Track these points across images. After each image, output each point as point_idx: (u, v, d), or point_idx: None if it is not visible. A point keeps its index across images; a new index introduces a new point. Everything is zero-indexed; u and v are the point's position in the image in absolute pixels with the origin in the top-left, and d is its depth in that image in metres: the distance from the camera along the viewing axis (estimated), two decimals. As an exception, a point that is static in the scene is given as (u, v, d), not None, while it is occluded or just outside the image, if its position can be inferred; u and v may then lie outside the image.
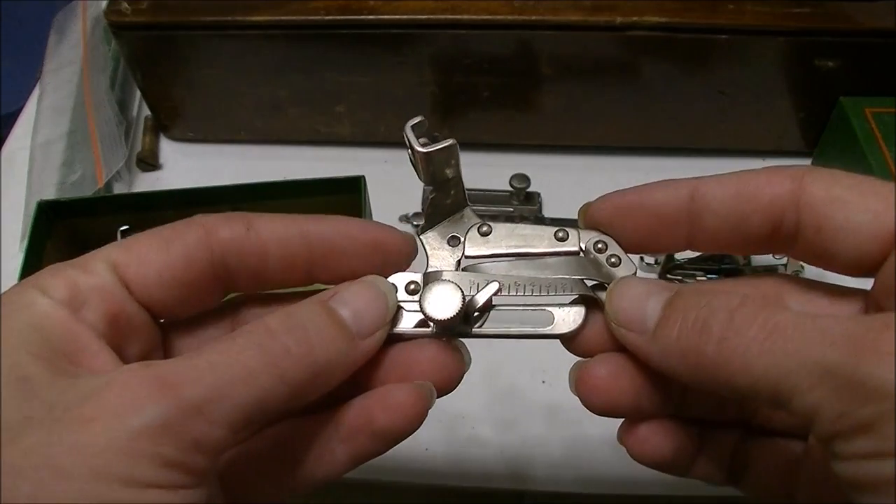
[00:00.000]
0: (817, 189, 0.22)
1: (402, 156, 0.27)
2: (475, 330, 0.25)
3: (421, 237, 0.27)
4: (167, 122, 0.62)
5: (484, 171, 0.58)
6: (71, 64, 0.66)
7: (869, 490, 0.17)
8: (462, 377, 0.25)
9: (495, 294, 0.25)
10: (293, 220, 0.25)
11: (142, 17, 0.54)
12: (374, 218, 0.52)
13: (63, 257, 0.23)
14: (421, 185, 0.27)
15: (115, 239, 0.49)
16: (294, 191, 0.50)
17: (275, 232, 0.25)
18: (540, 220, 0.55)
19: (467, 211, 0.27)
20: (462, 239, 0.26)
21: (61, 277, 0.21)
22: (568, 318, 0.25)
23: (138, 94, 0.66)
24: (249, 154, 0.63)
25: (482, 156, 0.61)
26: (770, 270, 0.51)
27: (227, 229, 0.24)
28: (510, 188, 0.55)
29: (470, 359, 0.26)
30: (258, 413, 0.20)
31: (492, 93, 0.57)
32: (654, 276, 0.51)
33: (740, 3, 0.52)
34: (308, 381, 0.21)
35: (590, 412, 0.26)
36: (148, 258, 0.23)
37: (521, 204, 0.56)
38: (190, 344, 0.25)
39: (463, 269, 0.26)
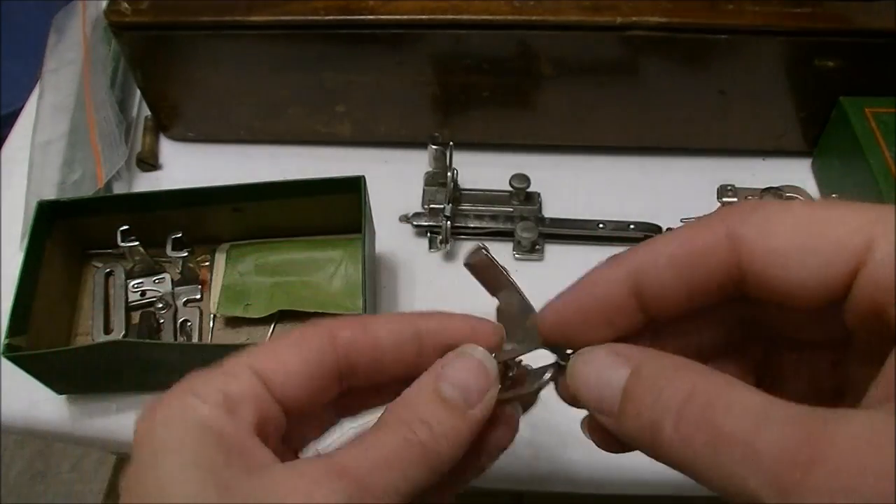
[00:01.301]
0: (753, 253, 0.21)
1: (402, 156, 0.27)
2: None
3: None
4: (167, 122, 0.62)
5: (484, 171, 0.58)
6: (71, 64, 0.66)
7: None
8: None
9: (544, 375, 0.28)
10: (403, 319, 0.28)
11: (142, 17, 0.54)
12: (374, 218, 0.52)
13: (63, 257, 0.23)
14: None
15: (115, 239, 0.50)
16: (294, 191, 0.50)
17: (389, 331, 0.27)
18: (540, 219, 0.55)
19: (534, 316, 0.28)
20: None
21: (213, 385, 0.24)
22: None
23: (138, 94, 0.66)
24: (249, 154, 0.63)
25: (482, 156, 0.61)
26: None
27: (347, 330, 0.27)
28: (510, 188, 0.55)
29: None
30: (413, 487, 0.24)
31: (492, 93, 0.57)
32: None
33: (740, 3, 0.52)
34: (444, 460, 0.25)
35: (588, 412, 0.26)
36: (285, 362, 0.26)
37: (521, 204, 0.56)
38: (307, 425, 0.29)
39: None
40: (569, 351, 0.26)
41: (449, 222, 0.54)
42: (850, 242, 0.19)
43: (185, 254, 0.51)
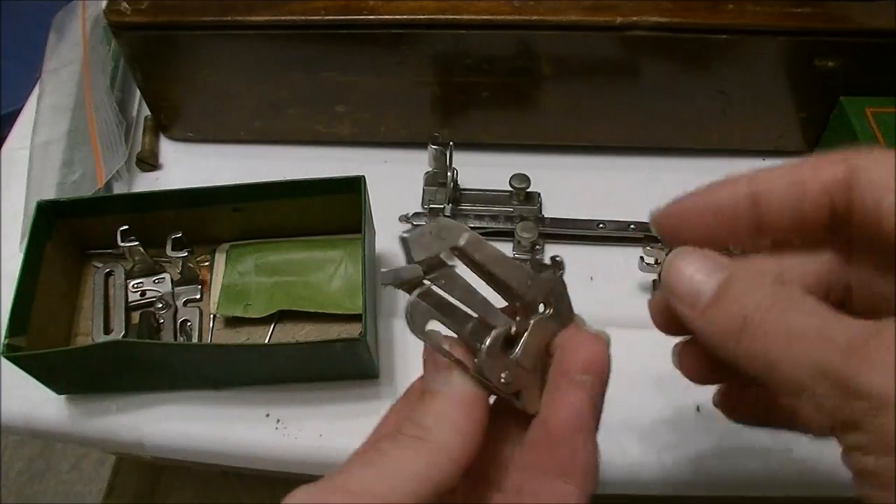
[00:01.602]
0: (868, 181, 0.23)
1: (402, 156, 0.27)
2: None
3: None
4: (167, 122, 0.62)
5: (484, 171, 0.58)
6: (71, 64, 0.66)
7: (860, 477, 0.20)
8: None
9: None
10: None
11: (142, 17, 0.54)
12: (374, 218, 0.52)
13: (63, 257, 0.23)
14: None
15: (115, 239, 0.50)
16: (294, 191, 0.50)
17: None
18: (540, 220, 0.55)
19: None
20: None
21: None
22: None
23: (138, 94, 0.66)
24: (249, 154, 0.63)
25: (482, 156, 0.61)
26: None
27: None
28: (510, 188, 0.55)
29: None
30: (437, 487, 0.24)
31: (492, 93, 0.57)
32: (654, 276, 0.51)
33: (740, 3, 0.52)
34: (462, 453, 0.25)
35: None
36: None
37: (521, 204, 0.56)
38: None
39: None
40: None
41: (449, 222, 0.54)
42: None
43: (185, 254, 0.51)
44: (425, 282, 0.26)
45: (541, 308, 0.28)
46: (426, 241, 0.26)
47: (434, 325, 0.27)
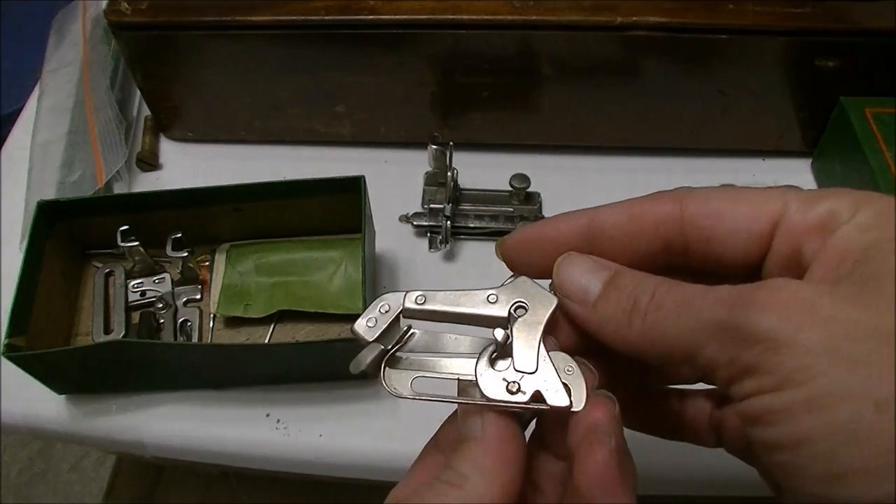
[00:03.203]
0: (695, 207, 0.25)
1: (402, 156, 0.27)
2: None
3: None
4: (167, 122, 0.62)
5: (484, 171, 0.58)
6: (71, 64, 0.66)
7: (758, 424, 0.20)
8: None
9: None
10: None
11: (142, 17, 0.54)
12: (375, 218, 0.52)
13: (63, 257, 0.23)
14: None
15: (115, 239, 0.50)
16: (294, 191, 0.50)
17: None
18: (540, 220, 0.55)
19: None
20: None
21: None
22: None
23: (138, 94, 0.66)
24: (249, 154, 0.63)
25: (482, 156, 0.61)
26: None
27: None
28: (510, 188, 0.55)
29: None
30: None
31: (492, 93, 0.57)
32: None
33: (740, 3, 0.52)
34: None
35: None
36: None
37: (521, 204, 0.56)
38: None
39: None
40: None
41: (449, 222, 0.54)
42: (771, 202, 0.24)
43: (185, 254, 0.51)
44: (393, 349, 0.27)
45: (517, 310, 0.27)
46: (374, 319, 0.27)
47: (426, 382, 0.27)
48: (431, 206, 0.56)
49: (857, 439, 0.18)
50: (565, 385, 0.26)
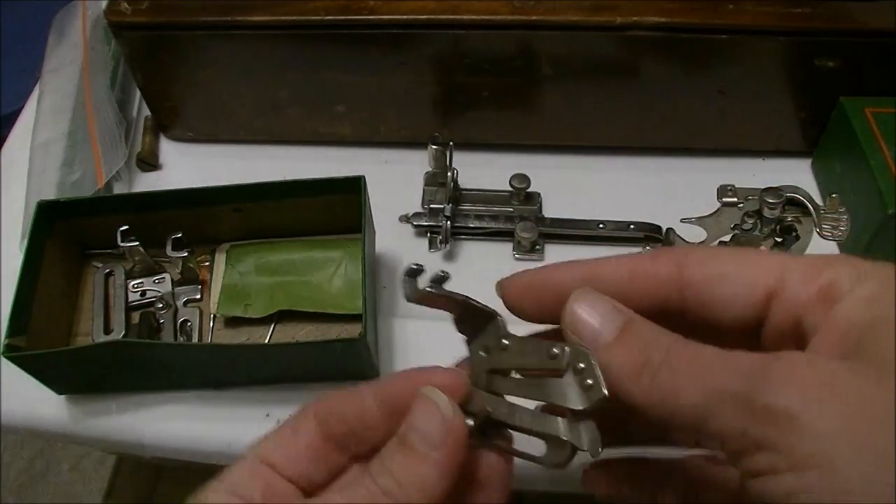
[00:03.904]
0: (694, 270, 0.25)
1: (402, 156, 0.27)
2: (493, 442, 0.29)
3: (467, 347, 0.29)
4: (167, 122, 0.62)
5: (484, 171, 0.58)
6: (71, 64, 0.66)
7: (770, 500, 0.20)
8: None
9: (488, 416, 0.28)
10: (369, 390, 0.29)
11: (142, 17, 0.54)
12: (375, 218, 0.52)
13: (63, 257, 0.23)
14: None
15: (115, 239, 0.50)
16: (294, 191, 0.50)
17: (353, 403, 0.28)
18: (540, 220, 0.55)
19: (497, 320, 0.29)
20: (489, 352, 0.29)
21: (233, 476, 0.27)
22: (557, 453, 0.27)
23: (138, 94, 0.66)
24: (249, 154, 0.63)
25: (482, 156, 0.61)
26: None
27: (323, 406, 0.28)
28: (510, 188, 0.55)
29: None
30: None
31: (492, 93, 0.57)
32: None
33: (740, 3, 0.51)
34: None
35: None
36: (285, 446, 0.28)
37: (521, 204, 0.56)
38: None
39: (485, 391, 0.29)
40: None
41: (449, 222, 0.54)
42: (770, 269, 0.24)
43: (185, 254, 0.51)
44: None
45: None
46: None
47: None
48: (431, 206, 0.56)
49: None
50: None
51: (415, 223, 0.56)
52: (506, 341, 0.28)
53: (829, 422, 0.19)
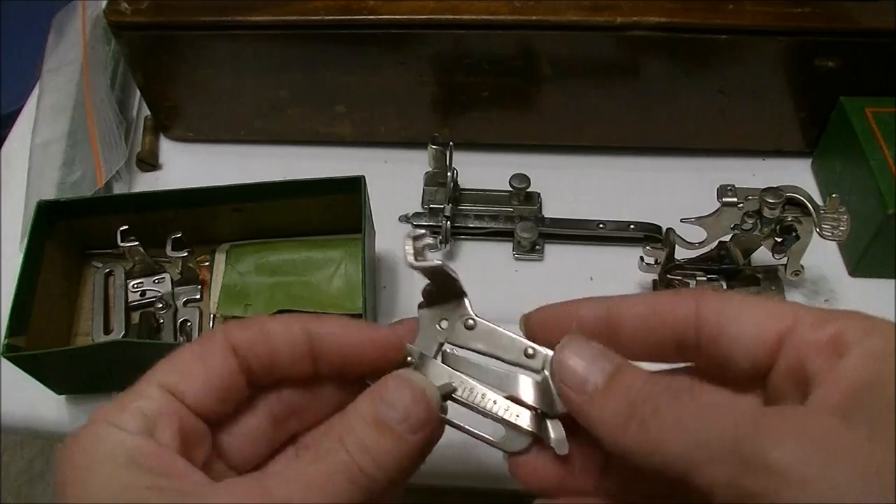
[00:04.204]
0: (711, 309, 0.25)
1: (402, 156, 0.27)
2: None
3: (419, 312, 0.29)
4: (167, 122, 0.62)
5: (484, 171, 0.58)
6: (71, 64, 0.66)
7: None
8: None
9: (451, 393, 0.28)
10: (297, 320, 0.28)
11: (142, 17, 0.54)
12: (374, 218, 0.52)
13: (63, 257, 0.23)
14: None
15: (115, 239, 0.50)
16: (294, 191, 0.50)
17: (282, 335, 0.28)
18: (540, 220, 0.55)
19: (464, 302, 0.29)
20: (450, 325, 0.29)
21: (126, 410, 0.24)
22: (516, 439, 0.28)
23: (138, 94, 0.66)
24: (249, 154, 0.63)
25: (482, 156, 0.61)
26: (770, 270, 0.51)
27: (245, 339, 0.27)
28: (510, 188, 0.55)
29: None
30: None
31: (492, 93, 0.57)
32: (654, 276, 0.51)
33: (740, 3, 0.52)
34: (381, 485, 0.25)
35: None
36: (192, 374, 0.26)
37: (521, 204, 0.56)
38: (231, 432, 0.28)
39: (442, 359, 0.29)
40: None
41: (449, 222, 0.54)
42: (782, 314, 0.25)
43: (185, 254, 0.51)
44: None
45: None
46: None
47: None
48: (431, 206, 0.56)
49: None
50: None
51: (415, 223, 0.56)
52: (472, 321, 0.29)
53: (823, 479, 0.19)
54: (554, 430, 0.27)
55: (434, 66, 0.55)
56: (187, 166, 0.62)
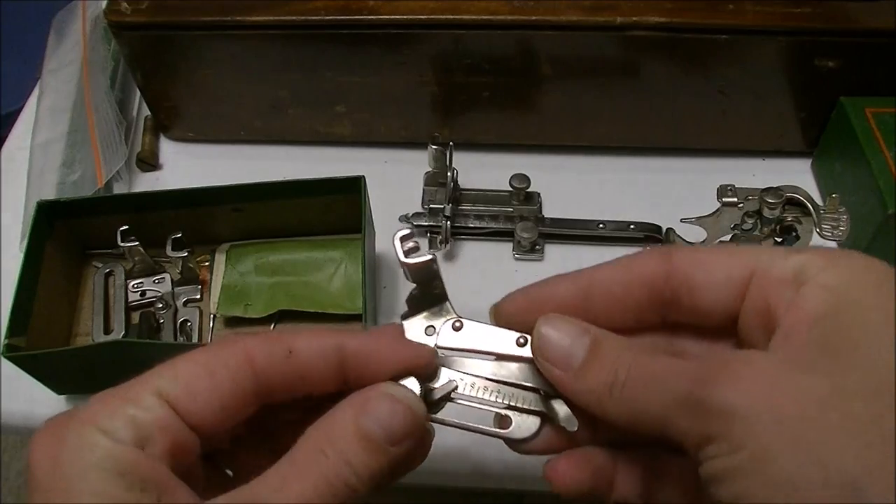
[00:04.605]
0: (682, 260, 0.27)
1: (402, 156, 0.28)
2: (434, 416, 0.29)
3: (403, 323, 0.30)
4: (167, 122, 0.62)
5: (484, 171, 0.58)
6: (71, 64, 0.66)
7: (715, 482, 0.22)
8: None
9: (453, 391, 0.29)
10: (329, 335, 0.27)
11: (142, 17, 0.54)
12: (374, 218, 0.52)
13: (63, 257, 0.23)
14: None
15: (115, 239, 0.50)
16: (294, 191, 0.50)
17: (313, 352, 0.27)
18: (540, 219, 0.55)
19: (446, 305, 0.30)
20: (437, 330, 0.29)
21: (119, 417, 0.23)
22: (524, 425, 0.29)
23: (138, 94, 0.66)
24: (249, 154, 0.63)
25: (482, 156, 0.61)
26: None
27: (268, 355, 0.26)
28: (510, 188, 0.55)
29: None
30: None
31: (492, 93, 0.57)
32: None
33: (740, 3, 0.51)
34: (361, 495, 0.25)
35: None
36: (196, 388, 0.25)
37: (521, 204, 0.56)
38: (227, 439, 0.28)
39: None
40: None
41: (449, 222, 0.54)
42: (748, 254, 0.26)
43: (185, 254, 0.51)
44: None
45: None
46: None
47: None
48: (431, 206, 0.56)
49: (797, 489, 0.20)
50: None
51: (415, 223, 0.56)
52: (458, 323, 0.29)
53: (759, 408, 0.21)
54: (560, 409, 0.28)
55: (434, 66, 0.55)
56: (187, 166, 0.62)
